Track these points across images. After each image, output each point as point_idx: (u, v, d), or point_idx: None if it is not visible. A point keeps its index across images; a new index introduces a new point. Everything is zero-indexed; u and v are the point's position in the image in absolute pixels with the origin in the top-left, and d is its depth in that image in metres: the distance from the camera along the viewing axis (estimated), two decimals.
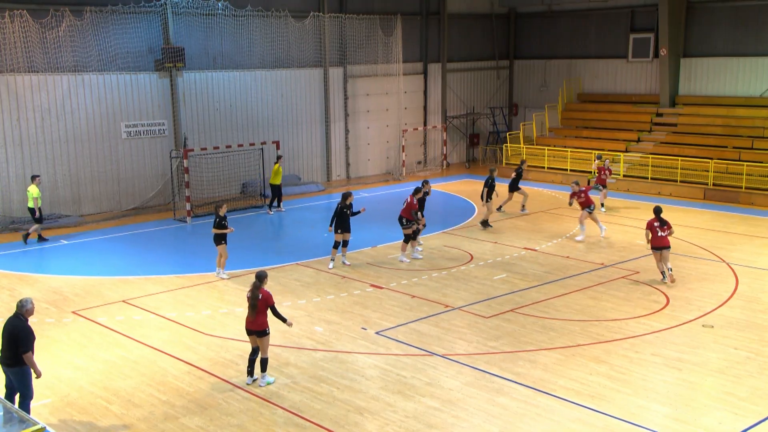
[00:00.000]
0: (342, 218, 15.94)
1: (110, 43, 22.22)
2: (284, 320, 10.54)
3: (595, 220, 18.71)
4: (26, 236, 18.88)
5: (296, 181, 26.83)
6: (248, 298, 10.37)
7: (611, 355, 11.56)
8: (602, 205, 22.24)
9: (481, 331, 12.61)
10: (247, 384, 10.61)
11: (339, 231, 15.98)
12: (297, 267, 16.35)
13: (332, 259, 16.26)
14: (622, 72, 30.48)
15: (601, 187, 22.24)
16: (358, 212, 16.27)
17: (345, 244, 16.14)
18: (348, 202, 16.02)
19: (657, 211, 14.94)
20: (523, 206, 21.96)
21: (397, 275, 15.87)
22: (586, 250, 17.86)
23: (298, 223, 21.23)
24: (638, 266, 16.35)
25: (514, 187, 21.98)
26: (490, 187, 19.70)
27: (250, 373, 10.58)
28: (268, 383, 10.53)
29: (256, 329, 10.36)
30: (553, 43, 32.41)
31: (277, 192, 22.38)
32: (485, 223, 19.86)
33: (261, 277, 10.38)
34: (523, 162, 22.70)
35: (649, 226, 14.77)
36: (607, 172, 22.50)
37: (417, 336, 12.42)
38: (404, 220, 16.68)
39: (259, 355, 10.49)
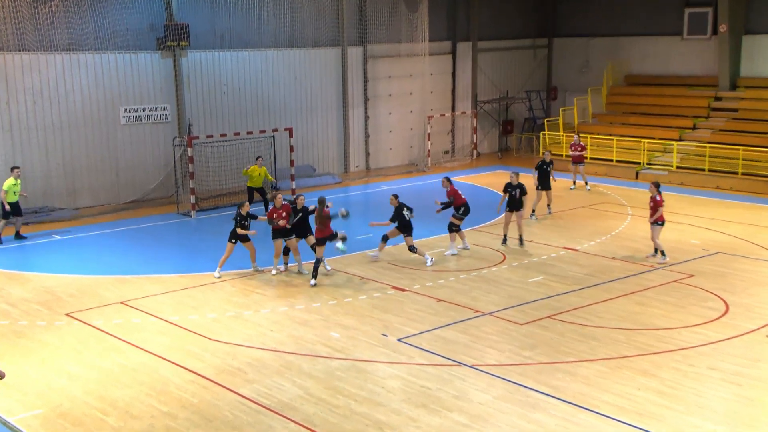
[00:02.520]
0: (302, 222, 15.88)
1: (108, 20, 22.40)
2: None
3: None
4: None
5: (310, 172, 26.89)
6: (316, 217, 15.22)
7: (661, 368, 11.44)
8: (586, 183, 24.02)
9: (514, 339, 12.54)
10: (312, 286, 14.97)
11: (296, 235, 15.88)
12: (310, 266, 16.37)
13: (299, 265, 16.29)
14: (675, 51, 30.12)
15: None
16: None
17: (315, 247, 16.00)
18: (299, 207, 15.84)
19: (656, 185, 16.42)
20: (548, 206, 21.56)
21: (421, 276, 15.84)
22: (632, 250, 17.68)
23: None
24: (692, 269, 16.16)
25: (545, 185, 21.18)
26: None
27: (315, 276, 15.13)
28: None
29: (329, 235, 15.26)
30: (598, 18, 32.11)
31: (259, 194, 21.53)
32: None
33: (323, 201, 15.33)
34: (546, 156, 21.63)
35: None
36: (578, 148, 23.98)
37: (443, 344, 12.37)
38: (461, 209, 17.34)
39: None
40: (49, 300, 14.76)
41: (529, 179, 21.19)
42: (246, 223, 15.65)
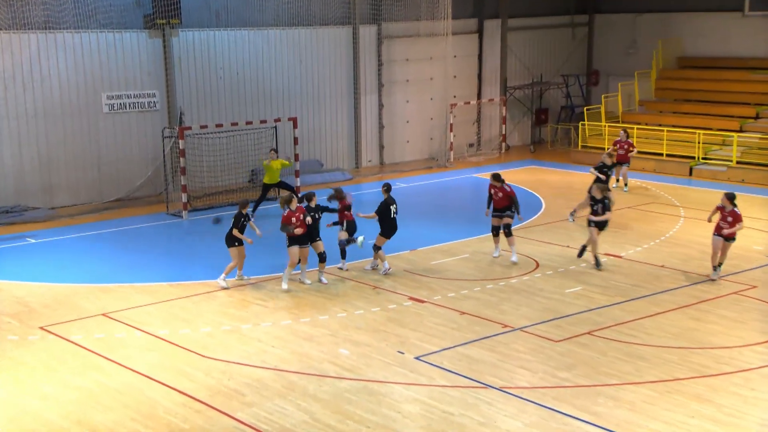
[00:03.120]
0: (310, 225, 15.90)
1: None
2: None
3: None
4: None
5: (318, 168, 26.95)
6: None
7: (718, 392, 11.37)
8: (625, 185, 23.84)
9: (548, 359, 12.49)
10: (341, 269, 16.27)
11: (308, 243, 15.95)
12: (317, 274, 16.39)
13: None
14: (735, 29, 29.95)
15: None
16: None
17: (322, 257, 16.08)
18: (313, 204, 15.97)
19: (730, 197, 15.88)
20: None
21: (442, 286, 15.83)
22: (685, 257, 17.58)
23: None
24: (755, 278, 16.06)
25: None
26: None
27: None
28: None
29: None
30: None
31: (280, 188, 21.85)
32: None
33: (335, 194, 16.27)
34: (605, 158, 21.17)
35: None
36: (626, 146, 23.67)
37: (467, 363, 12.35)
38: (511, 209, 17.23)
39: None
40: (21, 312, 14.84)
41: (572, 176, 21.18)
42: (245, 222, 15.68)
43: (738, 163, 25.83)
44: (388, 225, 16.39)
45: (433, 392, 11.41)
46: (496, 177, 17.26)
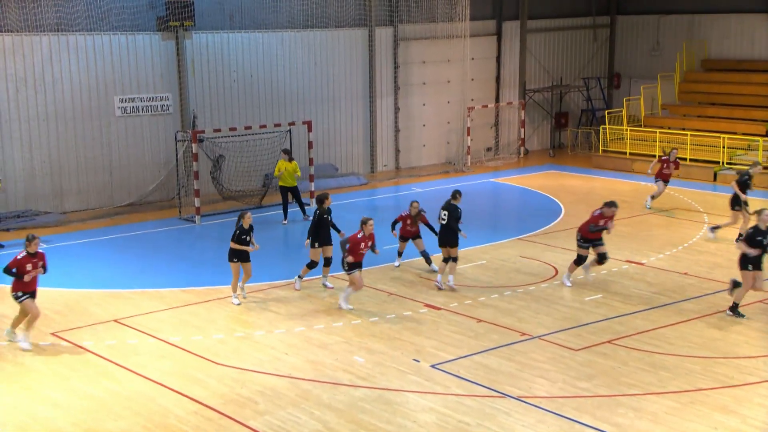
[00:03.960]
0: (323, 228, 15.90)
1: None
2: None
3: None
4: None
5: (332, 172, 26.98)
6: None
7: (743, 403, 11.31)
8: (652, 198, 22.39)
9: (568, 368, 12.46)
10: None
11: (317, 245, 15.87)
12: (332, 280, 16.43)
13: (300, 277, 16.20)
14: (761, 31, 29.78)
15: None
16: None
17: (327, 262, 16.06)
18: (326, 206, 15.94)
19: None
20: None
21: (459, 293, 15.83)
22: (710, 265, 17.48)
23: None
24: None
25: (738, 203, 18.96)
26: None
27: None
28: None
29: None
30: None
31: (293, 196, 21.74)
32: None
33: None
34: (755, 164, 19.94)
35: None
36: (672, 165, 22.11)
37: (484, 372, 12.34)
38: (582, 238, 16.00)
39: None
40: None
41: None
42: (247, 238, 15.13)
43: (765, 168, 25.62)
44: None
45: (449, 401, 11.40)
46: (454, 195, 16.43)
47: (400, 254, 17.58)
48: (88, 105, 23.07)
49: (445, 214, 16.03)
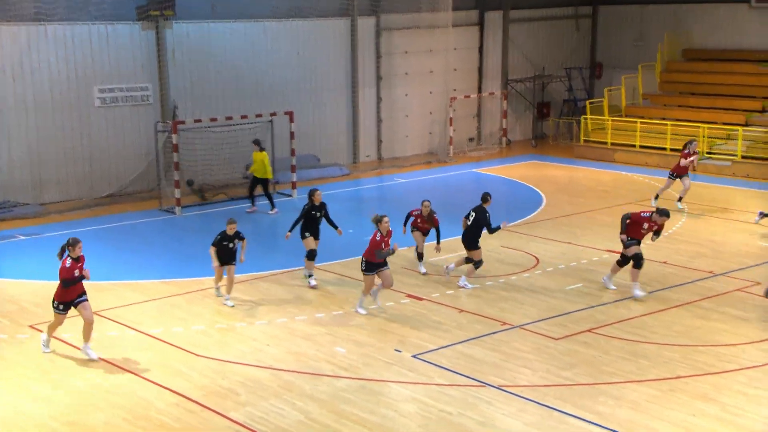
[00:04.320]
0: (312, 222, 15.85)
1: None
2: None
3: None
4: None
5: (314, 162, 26.95)
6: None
7: (723, 390, 11.40)
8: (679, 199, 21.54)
9: (550, 357, 12.53)
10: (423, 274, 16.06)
11: (307, 234, 15.75)
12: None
13: (311, 274, 16.05)
14: (743, 20, 29.96)
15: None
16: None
17: (311, 255, 15.90)
18: (315, 202, 15.78)
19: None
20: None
21: (441, 284, 15.86)
22: (689, 254, 17.60)
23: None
24: (760, 275, 16.08)
25: None
26: None
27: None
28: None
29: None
30: None
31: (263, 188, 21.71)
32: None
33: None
34: None
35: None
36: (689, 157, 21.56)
37: (466, 361, 12.39)
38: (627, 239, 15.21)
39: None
40: (11, 310, 14.87)
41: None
42: (231, 245, 14.59)
43: (743, 157, 25.82)
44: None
45: (431, 391, 11.44)
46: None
47: (420, 256, 16.59)
48: (68, 95, 22.92)
49: (472, 215, 15.66)
